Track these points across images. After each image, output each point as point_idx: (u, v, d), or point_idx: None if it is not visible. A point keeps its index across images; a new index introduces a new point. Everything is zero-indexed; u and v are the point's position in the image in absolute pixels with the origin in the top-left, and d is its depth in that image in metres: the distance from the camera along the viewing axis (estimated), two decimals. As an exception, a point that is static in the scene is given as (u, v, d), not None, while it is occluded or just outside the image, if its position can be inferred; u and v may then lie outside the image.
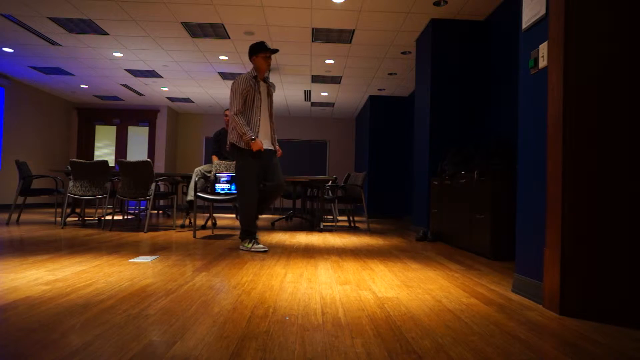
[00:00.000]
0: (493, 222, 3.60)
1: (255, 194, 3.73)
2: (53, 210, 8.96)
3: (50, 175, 6.26)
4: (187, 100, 10.56)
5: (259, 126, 3.73)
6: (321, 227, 5.75)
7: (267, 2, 5.07)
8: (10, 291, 2.13)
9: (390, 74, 7.85)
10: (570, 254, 1.97)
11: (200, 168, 5.50)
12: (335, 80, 8.36)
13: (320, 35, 6.01)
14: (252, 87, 3.72)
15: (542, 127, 2.21)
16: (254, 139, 3.62)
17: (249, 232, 3.78)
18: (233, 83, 3.73)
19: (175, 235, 4.83)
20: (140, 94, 10.10)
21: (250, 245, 3.73)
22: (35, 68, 8.09)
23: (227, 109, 5.95)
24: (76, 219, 6.75)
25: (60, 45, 6.71)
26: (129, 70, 8.10)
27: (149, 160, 5.04)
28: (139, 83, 9.04)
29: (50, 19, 5.65)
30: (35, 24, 5.87)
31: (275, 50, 3.81)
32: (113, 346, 1.44)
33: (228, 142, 3.78)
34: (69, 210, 7.46)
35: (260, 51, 3.76)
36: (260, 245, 3.74)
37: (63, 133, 11.01)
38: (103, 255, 3.29)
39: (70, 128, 11.29)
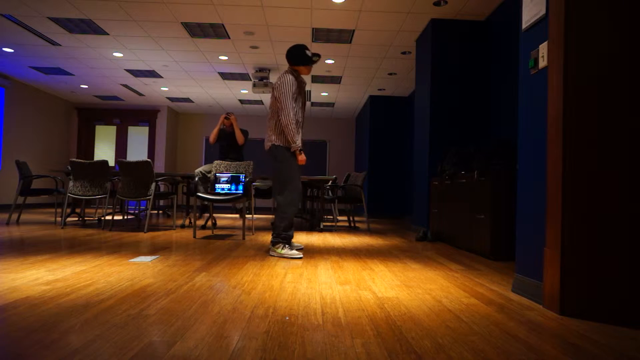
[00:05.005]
0: (493, 222, 3.60)
1: (300, 196, 3.52)
2: (53, 210, 8.96)
3: (50, 175, 6.25)
4: (187, 100, 10.56)
5: (300, 128, 3.57)
6: (321, 227, 5.75)
7: (267, 2, 5.07)
8: (10, 291, 2.13)
9: (390, 74, 7.85)
10: (570, 254, 1.97)
11: (200, 169, 5.50)
12: (335, 80, 8.36)
13: (320, 35, 6.01)
14: (297, 86, 3.53)
15: (542, 127, 2.21)
16: (301, 151, 3.49)
17: (286, 237, 3.49)
18: (281, 85, 3.47)
19: (175, 235, 4.83)
20: (140, 94, 10.10)
21: (283, 250, 3.44)
22: (35, 68, 8.09)
23: (228, 113, 5.94)
24: (76, 219, 6.75)
25: (60, 45, 6.71)
26: (129, 70, 8.10)
27: (149, 160, 5.04)
28: (139, 83, 9.03)
29: (50, 19, 5.65)
30: (35, 24, 5.86)
31: (316, 61, 3.70)
32: (113, 346, 1.44)
33: (267, 144, 3.56)
34: (69, 210, 7.46)
35: (309, 63, 3.60)
36: (294, 252, 3.44)
37: (63, 133, 11.01)
38: (103, 255, 3.29)
39: (70, 128, 11.29)
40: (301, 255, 3.45)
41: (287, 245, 3.48)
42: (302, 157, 3.50)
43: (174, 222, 5.68)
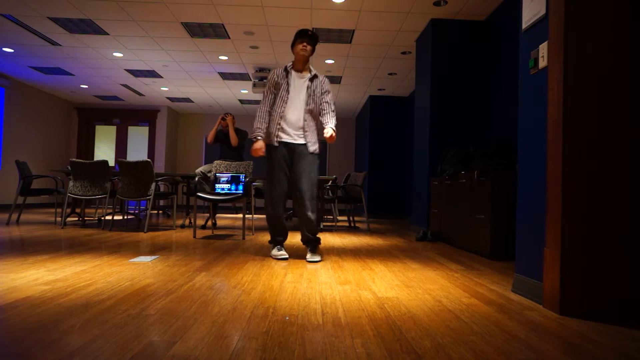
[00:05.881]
0: (493, 222, 3.60)
1: (275, 198, 3.38)
2: (53, 210, 8.96)
3: (50, 175, 6.25)
4: (187, 100, 10.56)
5: (278, 121, 3.40)
6: (321, 227, 5.74)
7: (267, 2, 5.07)
8: (10, 291, 2.13)
9: (390, 74, 7.85)
10: (570, 254, 1.97)
11: (200, 169, 5.50)
12: (335, 80, 8.36)
13: (320, 35, 6.01)
14: (283, 78, 3.45)
15: (542, 127, 2.21)
16: (257, 139, 3.39)
17: (272, 237, 3.50)
18: None
19: (175, 235, 4.83)
20: (140, 94, 10.10)
21: (276, 251, 3.45)
22: (35, 68, 8.09)
23: (225, 114, 5.95)
24: (76, 219, 6.75)
25: (60, 45, 6.71)
26: (129, 70, 8.10)
27: (149, 160, 5.04)
28: (139, 83, 9.04)
29: (50, 19, 5.65)
30: (35, 24, 5.86)
31: (313, 37, 3.43)
32: (113, 346, 1.44)
33: None
34: (69, 210, 7.46)
35: (295, 39, 3.46)
36: (278, 252, 3.43)
37: (63, 133, 11.01)
38: (103, 255, 3.28)
39: (70, 128, 11.29)
40: (286, 257, 3.39)
41: (276, 247, 3.48)
42: (255, 146, 3.35)
43: (174, 222, 5.68)
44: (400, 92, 9.19)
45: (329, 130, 3.38)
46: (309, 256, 3.35)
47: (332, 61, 7.18)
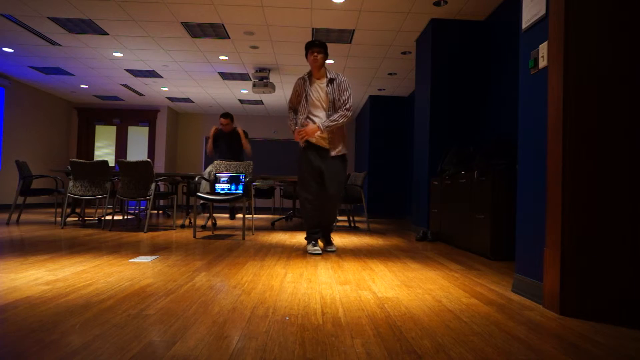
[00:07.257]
0: (493, 222, 3.59)
1: (307, 196, 3.69)
2: (53, 210, 8.96)
3: (50, 175, 6.25)
4: (187, 100, 10.56)
5: (305, 124, 3.69)
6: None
7: (267, 2, 5.07)
8: (10, 291, 2.13)
9: (390, 74, 7.85)
10: (570, 254, 1.97)
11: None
12: (335, 80, 8.35)
13: (320, 35, 6.01)
14: (301, 86, 3.75)
15: (542, 127, 2.21)
16: (294, 130, 3.73)
17: (307, 234, 3.79)
18: None
19: (175, 235, 4.83)
20: (140, 94, 10.10)
21: (310, 247, 3.73)
22: (35, 68, 8.08)
23: (223, 114, 5.95)
24: (76, 219, 6.75)
25: (60, 45, 6.71)
26: (129, 70, 8.10)
27: (149, 160, 5.04)
28: (139, 83, 9.03)
29: (50, 19, 5.65)
30: (35, 24, 5.86)
31: (321, 45, 3.65)
32: (113, 346, 1.44)
33: None
34: (69, 210, 7.46)
35: (305, 52, 3.73)
36: (316, 248, 3.69)
37: (63, 133, 11.01)
38: (103, 255, 3.29)
39: (70, 128, 11.29)
40: (319, 252, 3.66)
41: (311, 242, 3.76)
42: (295, 133, 3.67)
43: (174, 222, 5.68)
44: (400, 92, 9.19)
45: (314, 125, 3.62)
46: (327, 248, 3.87)
47: (332, 61, 7.18)
